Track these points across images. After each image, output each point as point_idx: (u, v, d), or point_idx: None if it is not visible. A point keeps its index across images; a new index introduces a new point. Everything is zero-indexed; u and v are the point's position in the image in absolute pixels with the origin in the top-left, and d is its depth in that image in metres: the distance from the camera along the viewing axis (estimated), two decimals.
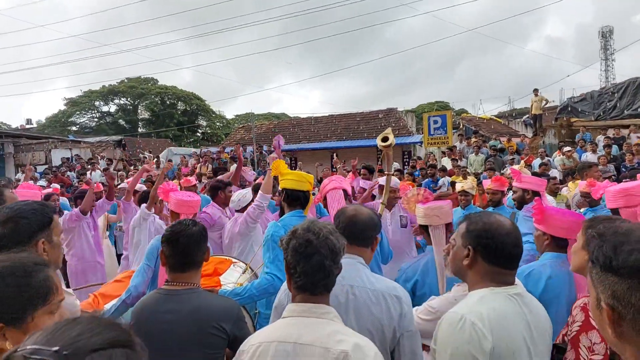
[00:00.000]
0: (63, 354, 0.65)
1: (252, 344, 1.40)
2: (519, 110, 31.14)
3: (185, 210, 3.13)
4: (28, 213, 1.58)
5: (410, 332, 1.67)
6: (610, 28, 43.03)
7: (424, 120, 13.22)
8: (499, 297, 1.43)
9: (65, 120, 39.66)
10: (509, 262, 1.49)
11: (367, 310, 1.63)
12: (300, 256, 1.37)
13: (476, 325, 1.33)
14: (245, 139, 21.43)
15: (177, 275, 1.87)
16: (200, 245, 1.92)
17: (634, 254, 0.79)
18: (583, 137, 12.59)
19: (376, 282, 1.71)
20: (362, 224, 1.80)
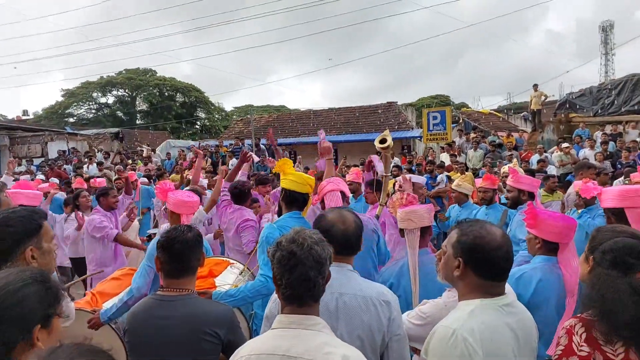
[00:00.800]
0: None
1: (241, 355, 1.39)
2: (518, 105, 31.11)
3: (185, 211, 3.05)
4: (14, 221, 1.57)
5: (399, 335, 1.69)
6: (611, 22, 42.89)
7: (423, 116, 13.21)
8: (488, 309, 1.45)
9: (62, 111, 39.44)
10: (499, 276, 1.51)
11: (357, 317, 1.64)
12: (284, 268, 1.36)
13: (467, 340, 1.35)
14: (244, 132, 21.37)
15: (171, 282, 1.87)
16: (195, 251, 1.91)
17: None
18: (581, 133, 12.60)
19: (366, 288, 1.71)
20: (347, 234, 1.77)
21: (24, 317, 1.06)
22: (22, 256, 1.55)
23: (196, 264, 1.92)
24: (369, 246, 2.82)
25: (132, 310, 1.93)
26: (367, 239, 2.83)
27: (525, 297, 2.20)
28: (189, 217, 3.04)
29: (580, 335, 1.48)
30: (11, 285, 1.08)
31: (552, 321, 2.13)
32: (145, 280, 2.74)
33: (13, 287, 1.08)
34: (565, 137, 12.99)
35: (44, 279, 1.14)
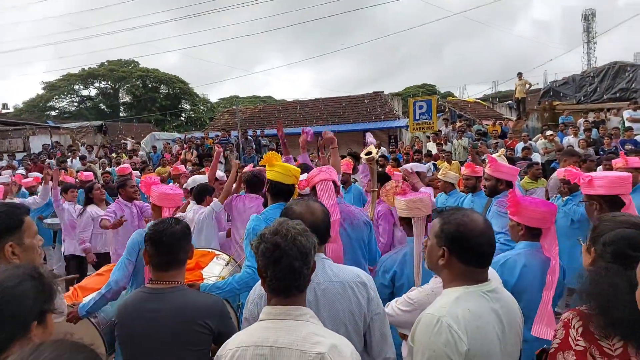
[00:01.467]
0: None
1: (229, 348, 1.40)
2: (503, 93, 31.38)
3: (168, 204, 3.03)
4: None
5: (379, 314, 1.72)
6: (593, 11, 43.40)
7: (409, 106, 13.24)
8: (473, 296, 1.47)
9: (44, 104, 38.53)
10: (483, 261, 1.53)
11: (337, 303, 1.66)
12: (269, 260, 1.36)
13: (452, 327, 1.37)
14: (229, 123, 21.19)
15: (161, 274, 1.87)
16: (183, 244, 1.91)
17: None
18: (565, 120, 12.78)
19: (340, 273, 1.73)
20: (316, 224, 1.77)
21: (22, 314, 1.06)
22: (2, 252, 1.52)
23: (185, 257, 1.92)
24: (360, 237, 2.80)
25: (123, 303, 1.92)
26: (358, 231, 2.83)
27: (511, 283, 2.25)
28: (170, 211, 3.01)
29: (577, 330, 1.46)
30: (8, 282, 1.07)
31: (536, 305, 2.18)
32: (123, 274, 2.74)
33: (10, 283, 1.07)
34: (549, 125, 13.17)
35: (39, 275, 1.14)
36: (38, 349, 0.72)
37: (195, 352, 1.79)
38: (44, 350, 0.72)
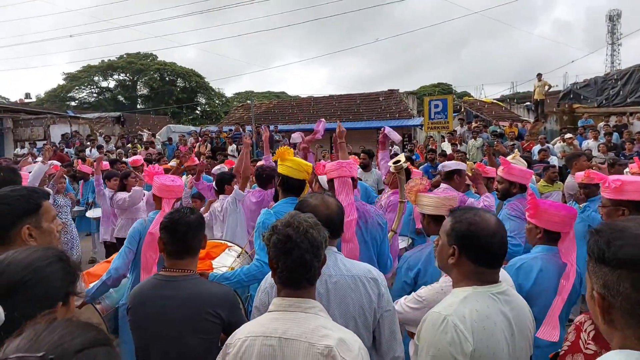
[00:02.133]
0: (49, 358, 0.66)
1: (238, 337, 1.41)
2: (521, 95, 30.86)
3: (167, 195, 3.01)
4: (12, 199, 1.57)
5: (389, 311, 1.72)
6: (618, 12, 42.29)
7: (424, 104, 13.10)
8: (481, 296, 1.45)
9: (64, 95, 39.28)
10: (493, 262, 1.51)
11: (348, 297, 1.67)
12: (280, 252, 1.38)
13: (458, 327, 1.36)
14: (244, 118, 21.29)
15: (174, 262, 1.91)
16: (197, 233, 1.94)
17: (625, 248, 0.87)
18: (584, 123, 12.50)
19: (352, 267, 1.75)
20: (331, 218, 1.78)
21: (50, 294, 1.09)
22: (19, 235, 1.56)
23: (198, 246, 1.96)
24: (373, 237, 2.75)
25: (136, 289, 1.96)
26: (372, 230, 2.77)
27: (526, 287, 2.21)
28: (169, 202, 3.01)
29: (589, 333, 1.44)
30: (39, 262, 1.10)
31: None
32: (123, 262, 2.80)
33: (41, 264, 1.10)
34: (568, 128, 12.90)
35: (65, 257, 1.17)
36: (52, 324, 0.75)
37: (205, 340, 1.82)
38: (57, 326, 0.74)
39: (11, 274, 1.07)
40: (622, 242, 0.88)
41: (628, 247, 0.86)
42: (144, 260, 2.82)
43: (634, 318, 0.86)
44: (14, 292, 1.05)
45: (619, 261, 0.87)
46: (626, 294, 0.85)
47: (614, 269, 0.87)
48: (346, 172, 2.79)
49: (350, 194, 2.65)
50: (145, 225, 2.97)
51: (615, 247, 0.88)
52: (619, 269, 0.87)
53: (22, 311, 1.02)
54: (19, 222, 1.56)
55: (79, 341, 0.71)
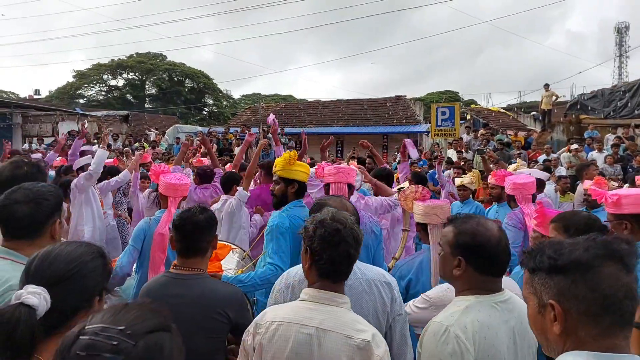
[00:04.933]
0: (127, 333, 0.76)
1: (271, 320, 1.43)
2: (528, 104, 30.76)
3: (173, 194, 3.01)
4: (50, 195, 1.66)
5: (401, 315, 1.76)
6: (627, 24, 42.08)
7: (432, 111, 13.12)
8: (484, 306, 1.45)
9: (73, 92, 39.61)
10: (499, 270, 1.52)
11: (363, 300, 1.70)
12: (328, 244, 1.43)
13: (459, 337, 1.37)
14: (251, 120, 21.38)
15: (184, 260, 1.93)
16: (206, 233, 1.96)
17: (574, 253, 0.95)
18: (590, 134, 12.47)
19: (367, 271, 1.78)
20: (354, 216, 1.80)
21: (91, 287, 1.16)
22: (51, 228, 1.64)
23: (207, 246, 1.97)
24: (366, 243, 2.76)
25: (146, 286, 1.99)
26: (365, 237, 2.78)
27: None
28: (175, 200, 3.02)
29: None
30: (85, 257, 1.17)
31: None
32: (128, 260, 2.82)
33: (87, 258, 1.17)
34: (574, 138, 12.87)
35: (104, 254, 1.24)
36: (127, 306, 0.84)
37: (212, 339, 1.84)
38: (132, 307, 0.83)
39: (60, 265, 1.13)
40: (570, 249, 0.95)
41: (577, 252, 0.94)
42: (152, 260, 2.84)
43: (589, 317, 0.92)
44: (60, 282, 1.11)
45: (573, 265, 0.93)
46: (582, 296, 0.92)
47: (568, 275, 0.93)
48: (342, 178, 2.81)
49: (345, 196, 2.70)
50: (150, 224, 2.99)
51: (566, 254, 0.95)
52: (573, 274, 0.93)
53: (65, 301, 1.09)
54: (53, 216, 1.65)
55: (150, 323, 0.80)
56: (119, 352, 0.74)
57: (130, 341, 0.75)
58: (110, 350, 0.74)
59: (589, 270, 0.92)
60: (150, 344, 0.77)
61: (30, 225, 1.58)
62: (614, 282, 0.91)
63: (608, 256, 0.93)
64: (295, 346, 1.36)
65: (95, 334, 0.75)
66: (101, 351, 0.74)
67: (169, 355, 0.80)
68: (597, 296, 0.91)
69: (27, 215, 1.58)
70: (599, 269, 0.92)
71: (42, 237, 1.60)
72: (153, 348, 0.77)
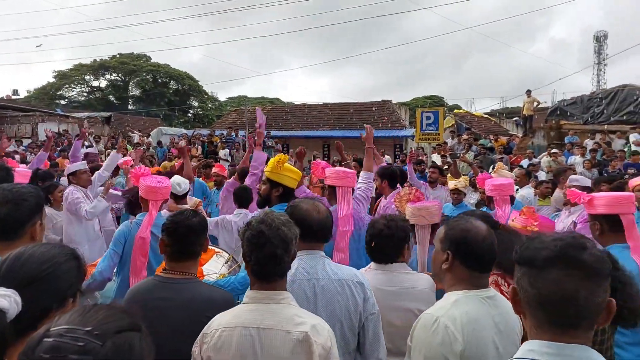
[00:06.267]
0: (94, 333, 0.75)
1: (215, 328, 1.48)
2: (511, 110, 31.34)
3: (153, 197, 2.96)
4: (30, 195, 1.63)
5: (374, 314, 1.78)
6: (605, 33, 43.34)
7: (417, 116, 13.27)
8: (472, 300, 1.52)
9: (54, 93, 38.83)
10: (484, 267, 1.59)
11: (335, 300, 1.73)
12: (255, 246, 1.46)
13: (449, 328, 1.43)
14: (237, 123, 21.27)
15: (175, 264, 1.90)
16: (199, 237, 1.95)
17: (526, 251, 1.05)
18: (570, 140, 12.78)
19: (339, 271, 1.81)
20: (321, 222, 1.84)
21: (64, 289, 1.14)
22: (32, 229, 1.62)
23: (199, 249, 1.96)
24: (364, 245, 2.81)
25: (133, 289, 1.96)
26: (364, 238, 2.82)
27: None
28: (157, 204, 2.97)
29: None
30: (59, 258, 1.15)
31: None
32: (108, 264, 2.77)
33: (61, 259, 1.15)
34: (555, 144, 13.16)
35: (78, 256, 1.22)
36: (95, 306, 0.82)
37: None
38: (101, 308, 0.82)
39: (32, 266, 1.11)
40: (526, 246, 1.06)
41: (528, 251, 1.05)
42: (133, 264, 2.80)
43: (529, 309, 1.05)
44: (33, 283, 1.09)
45: (524, 260, 1.05)
46: (525, 288, 1.04)
47: (520, 267, 1.06)
48: (350, 182, 2.83)
49: (350, 204, 2.70)
50: (130, 227, 2.94)
51: (522, 249, 1.07)
52: (522, 267, 1.05)
53: (38, 302, 1.08)
54: (33, 218, 1.63)
55: (119, 323, 0.79)
56: (85, 353, 0.72)
57: (97, 342, 0.74)
58: (76, 351, 0.72)
59: (534, 268, 1.03)
60: (119, 343, 0.76)
61: (9, 227, 1.56)
62: (552, 285, 0.99)
63: (560, 259, 1.00)
64: (238, 348, 1.41)
65: (61, 336, 0.74)
66: (67, 352, 0.72)
67: (139, 355, 0.79)
68: (535, 293, 1.02)
69: (6, 216, 1.56)
70: (544, 270, 1.01)
71: (22, 239, 1.57)
72: (122, 348, 0.76)
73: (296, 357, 1.39)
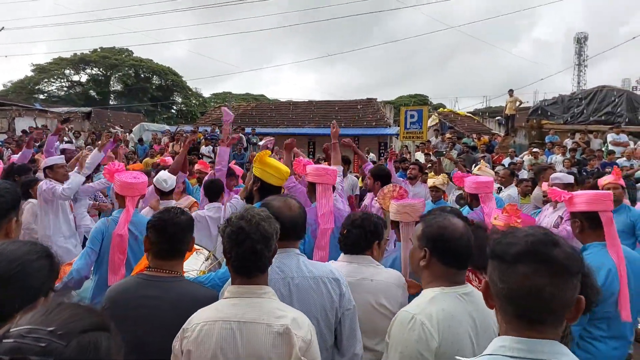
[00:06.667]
0: (58, 333, 0.71)
1: (196, 323, 1.47)
2: (494, 109, 31.80)
3: (130, 193, 2.89)
4: (3, 192, 1.61)
5: (350, 310, 1.79)
6: (586, 35, 44.34)
7: (401, 114, 13.34)
8: (449, 297, 1.53)
9: (32, 87, 37.81)
10: (461, 263, 1.60)
11: (310, 298, 1.72)
12: (234, 242, 1.46)
13: (425, 325, 1.44)
14: (221, 119, 21.04)
15: (160, 263, 1.87)
16: (187, 235, 1.92)
17: (497, 245, 1.06)
18: (550, 139, 13.03)
19: (314, 269, 1.80)
20: (293, 220, 1.82)
21: (36, 288, 1.12)
22: (8, 226, 1.60)
23: (186, 248, 1.93)
24: None
25: (116, 287, 1.91)
26: None
27: None
28: (134, 200, 2.91)
29: None
30: (29, 256, 1.13)
31: None
32: (86, 263, 2.73)
33: (31, 257, 1.13)
34: (535, 143, 13.40)
35: (51, 254, 1.20)
36: (62, 304, 0.79)
37: None
38: (67, 307, 0.78)
39: (1, 264, 1.09)
40: (498, 241, 1.07)
41: (500, 245, 1.05)
42: (111, 261, 2.75)
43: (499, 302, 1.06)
44: (1, 281, 1.07)
45: (493, 254, 1.06)
46: (495, 282, 1.05)
47: (491, 261, 1.07)
48: (330, 179, 2.82)
49: (330, 201, 2.68)
50: (107, 225, 2.89)
51: (493, 244, 1.07)
52: (493, 261, 1.06)
53: (7, 301, 1.05)
54: (9, 214, 1.61)
55: (85, 322, 0.75)
56: (47, 354, 0.69)
57: (61, 342, 0.70)
58: (38, 352, 0.68)
59: (504, 263, 1.03)
60: (84, 343, 0.72)
61: None
62: (521, 279, 0.99)
63: (529, 254, 1.00)
64: (218, 342, 1.41)
65: (21, 336, 0.70)
66: (28, 354, 0.68)
67: (106, 355, 0.75)
68: (503, 287, 1.02)
69: None
70: (513, 264, 1.01)
71: None
72: (87, 348, 0.72)
73: (277, 349, 1.40)
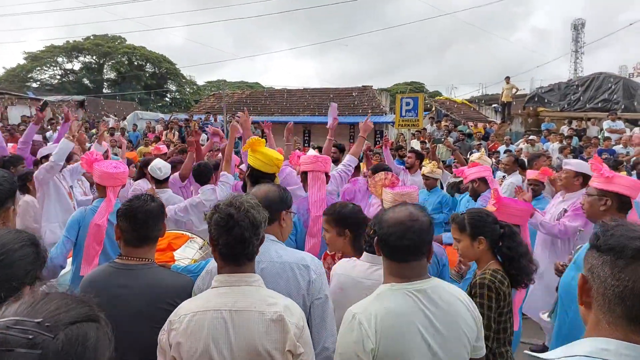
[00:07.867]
0: (45, 325, 0.70)
1: (184, 314, 1.44)
2: (490, 96, 31.72)
3: (111, 183, 2.86)
4: (4, 180, 1.61)
5: (320, 299, 1.70)
6: (583, 21, 44.11)
7: (396, 101, 13.27)
8: (396, 294, 1.43)
9: (24, 75, 37.34)
10: (396, 255, 1.46)
11: (274, 283, 1.66)
12: (223, 229, 1.43)
13: (363, 325, 1.37)
14: (215, 107, 20.89)
15: (131, 250, 1.85)
16: (157, 222, 1.90)
17: (615, 237, 0.94)
18: (547, 126, 13.02)
19: (284, 255, 1.75)
20: (268, 200, 1.79)
21: (20, 276, 1.11)
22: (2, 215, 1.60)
23: (157, 235, 1.91)
24: None
25: (88, 277, 1.89)
26: None
27: None
28: (115, 190, 2.87)
29: None
30: (12, 245, 1.12)
31: None
32: (60, 251, 2.70)
33: (14, 246, 1.12)
34: (531, 130, 13.38)
35: (36, 242, 1.19)
36: (49, 295, 0.77)
37: (158, 329, 1.76)
38: (54, 297, 0.76)
39: None
40: (614, 232, 0.96)
41: (618, 238, 0.94)
42: (87, 251, 2.71)
43: (605, 300, 0.94)
44: None
45: (606, 247, 0.94)
46: (604, 278, 0.93)
47: (601, 255, 0.95)
48: (321, 167, 2.80)
49: (322, 189, 2.66)
50: (85, 214, 2.85)
51: (608, 235, 0.96)
52: (604, 255, 0.94)
53: None
54: (6, 203, 1.62)
55: (73, 314, 0.74)
56: (35, 347, 0.67)
57: (48, 334, 0.68)
58: (24, 345, 0.67)
59: (621, 258, 0.91)
60: (72, 335, 0.71)
61: None
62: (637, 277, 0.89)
63: None
64: (210, 331, 1.38)
65: (7, 328, 0.68)
66: (14, 346, 0.66)
67: (94, 347, 0.73)
68: (617, 285, 0.91)
69: None
70: (631, 260, 0.90)
71: None
72: (75, 340, 0.71)
73: (270, 337, 1.37)
